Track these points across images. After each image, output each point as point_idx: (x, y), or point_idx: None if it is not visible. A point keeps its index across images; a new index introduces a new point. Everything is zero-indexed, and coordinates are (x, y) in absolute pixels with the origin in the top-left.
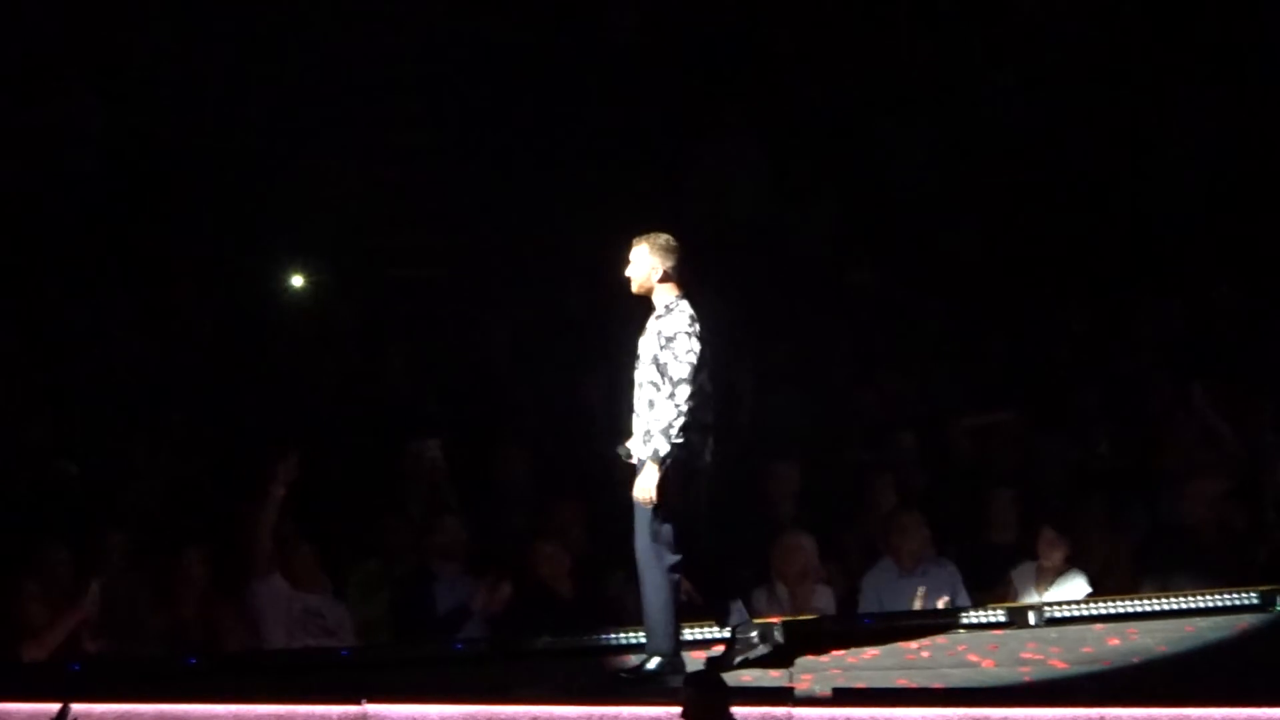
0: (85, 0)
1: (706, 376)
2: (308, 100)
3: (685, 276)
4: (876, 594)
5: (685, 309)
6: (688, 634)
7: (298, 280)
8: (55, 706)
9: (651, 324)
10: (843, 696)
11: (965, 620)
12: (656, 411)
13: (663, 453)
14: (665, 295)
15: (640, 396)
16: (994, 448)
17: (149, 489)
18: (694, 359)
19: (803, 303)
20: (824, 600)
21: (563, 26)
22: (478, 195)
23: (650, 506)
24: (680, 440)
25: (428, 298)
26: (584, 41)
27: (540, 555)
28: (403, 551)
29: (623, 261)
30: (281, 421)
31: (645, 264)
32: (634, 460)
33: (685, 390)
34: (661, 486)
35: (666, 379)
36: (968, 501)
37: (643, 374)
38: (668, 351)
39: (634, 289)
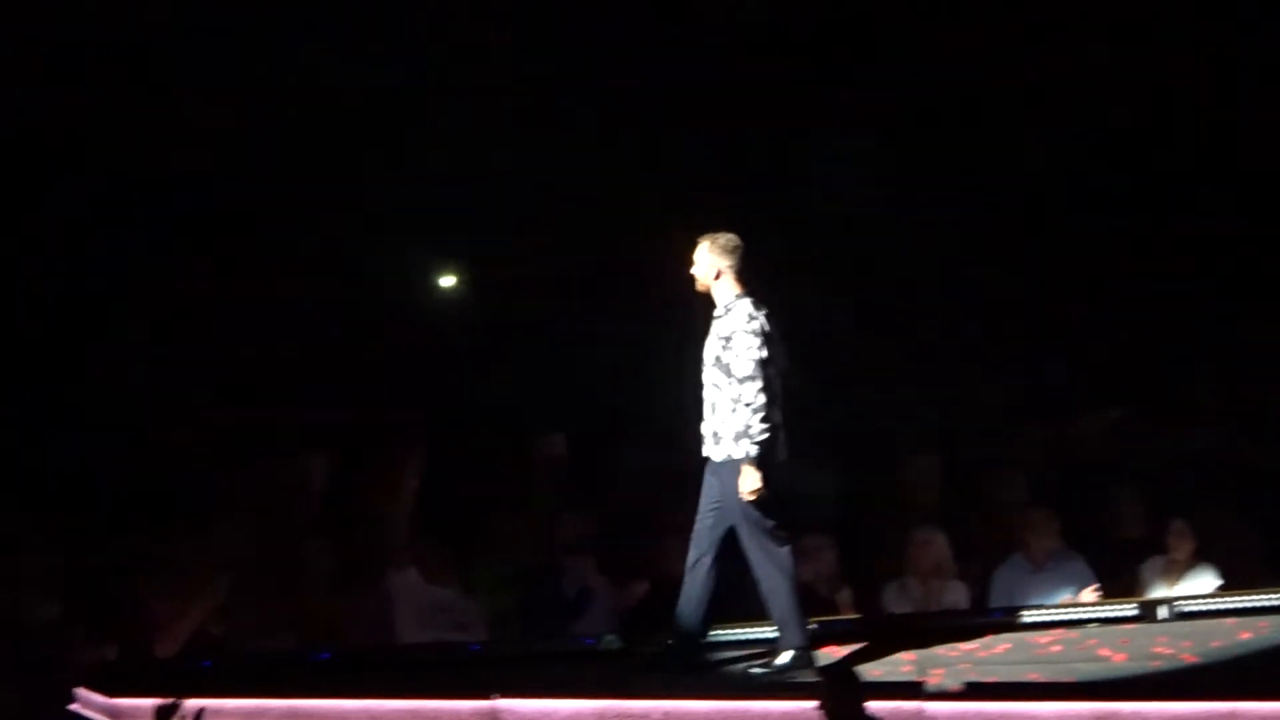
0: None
1: (773, 372)
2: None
3: (747, 275)
4: (1007, 589)
5: (744, 307)
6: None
7: (447, 280)
8: (187, 702)
9: (713, 326)
10: (974, 691)
11: (1095, 615)
12: (721, 414)
13: (753, 454)
14: (725, 294)
15: (706, 399)
16: (1119, 443)
17: (276, 481)
18: (754, 355)
19: (924, 298)
20: (956, 595)
21: (682, 22)
22: (604, 193)
23: (747, 507)
24: (764, 438)
25: (556, 295)
26: (705, 36)
27: (671, 552)
28: (530, 547)
29: (689, 260)
30: (410, 417)
31: (706, 263)
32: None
33: (753, 386)
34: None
35: (731, 380)
36: (1094, 496)
37: (707, 376)
38: (729, 351)
39: (697, 287)
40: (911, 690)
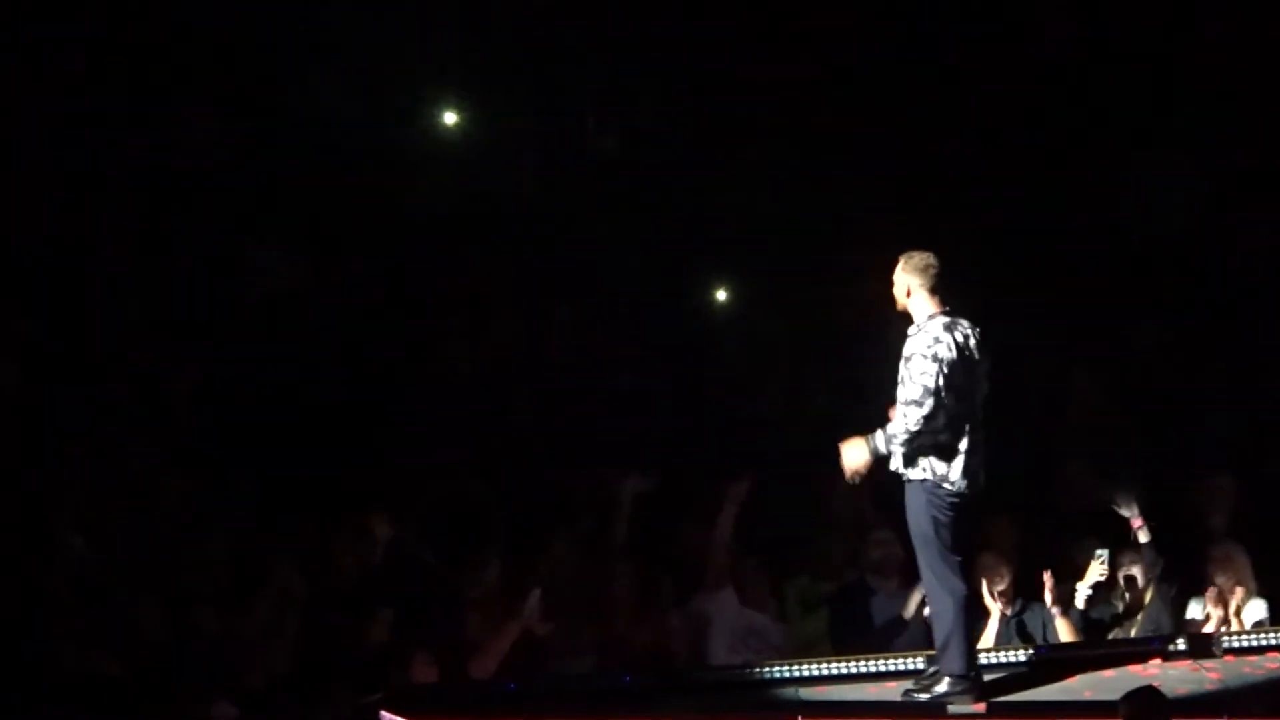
0: (520, 22)
1: (953, 399)
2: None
3: (943, 294)
4: None
5: (933, 329)
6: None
7: (722, 294)
8: None
9: (905, 344)
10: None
11: None
12: (894, 429)
13: (881, 451)
14: (919, 314)
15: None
16: None
17: (585, 500)
18: (929, 381)
19: (1240, 317)
20: (1258, 612)
21: (994, 40)
22: (896, 211)
23: (921, 528)
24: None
25: (849, 314)
26: (1012, 53)
27: (980, 567)
28: (838, 567)
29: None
30: (720, 439)
31: (901, 281)
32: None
33: (916, 412)
34: (931, 513)
35: (902, 400)
36: None
37: (899, 393)
38: (905, 371)
39: (897, 306)
40: (1214, 707)
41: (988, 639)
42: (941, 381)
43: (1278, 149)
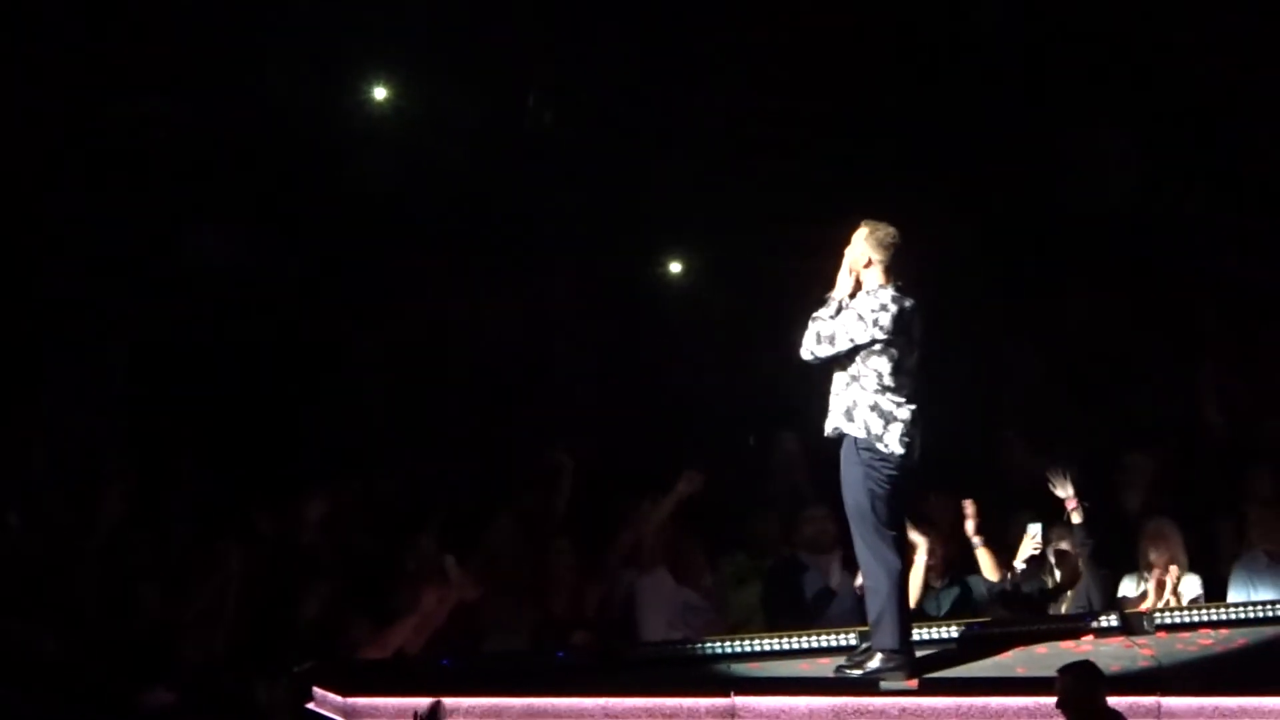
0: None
1: (890, 366)
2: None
3: (897, 273)
4: (1247, 583)
5: (882, 296)
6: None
7: (676, 267)
8: (426, 701)
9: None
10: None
11: None
12: (835, 386)
13: (839, 426)
14: (870, 283)
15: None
16: None
17: (527, 480)
18: (850, 337)
19: (1167, 293)
20: (1193, 588)
21: (934, 17)
22: (845, 188)
23: (856, 498)
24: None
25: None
26: (951, 29)
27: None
28: (772, 543)
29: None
30: (659, 414)
31: (861, 251)
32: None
33: (825, 349)
34: (868, 485)
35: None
36: None
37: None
38: (841, 315)
39: (843, 269)
40: (1149, 684)
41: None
42: (874, 342)
43: (1213, 127)
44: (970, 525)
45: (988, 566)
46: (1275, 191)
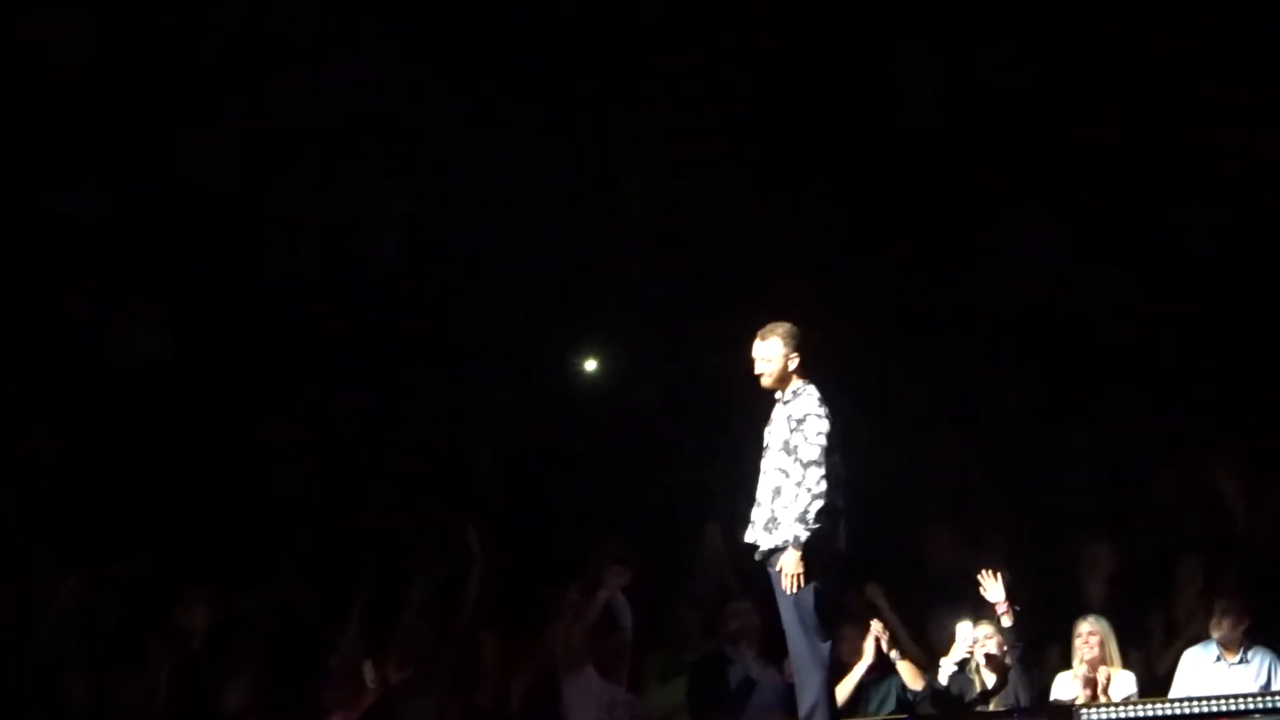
0: (384, 86)
1: (838, 459)
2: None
3: (811, 362)
4: (1195, 677)
5: (813, 392)
6: None
7: (591, 364)
8: None
9: (779, 411)
10: None
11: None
12: (784, 499)
13: (803, 539)
14: (795, 382)
15: (765, 484)
16: None
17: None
18: (824, 440)
19: (1104, 380)
20: (1127, 686)
21: (858, 105)
22: (764, 278)
23: (796, 595)
24: (817, 526)
25: (716, 383)
26: (880, 120)
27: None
28: (697, 638)
29: (748, 354)
30: (583, 507)
31: (780, 355)
32: (759, 552)
33: (816, 472)
34: (807, 573)
35: (796, 462)
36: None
37: (769, 461)
38: (798, 434)
39: (766, 381)
40: None
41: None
42: (830, 442)
43: (1136, 210)
44: (884, 643)
45: (909, 676)
46: (1202, 277)
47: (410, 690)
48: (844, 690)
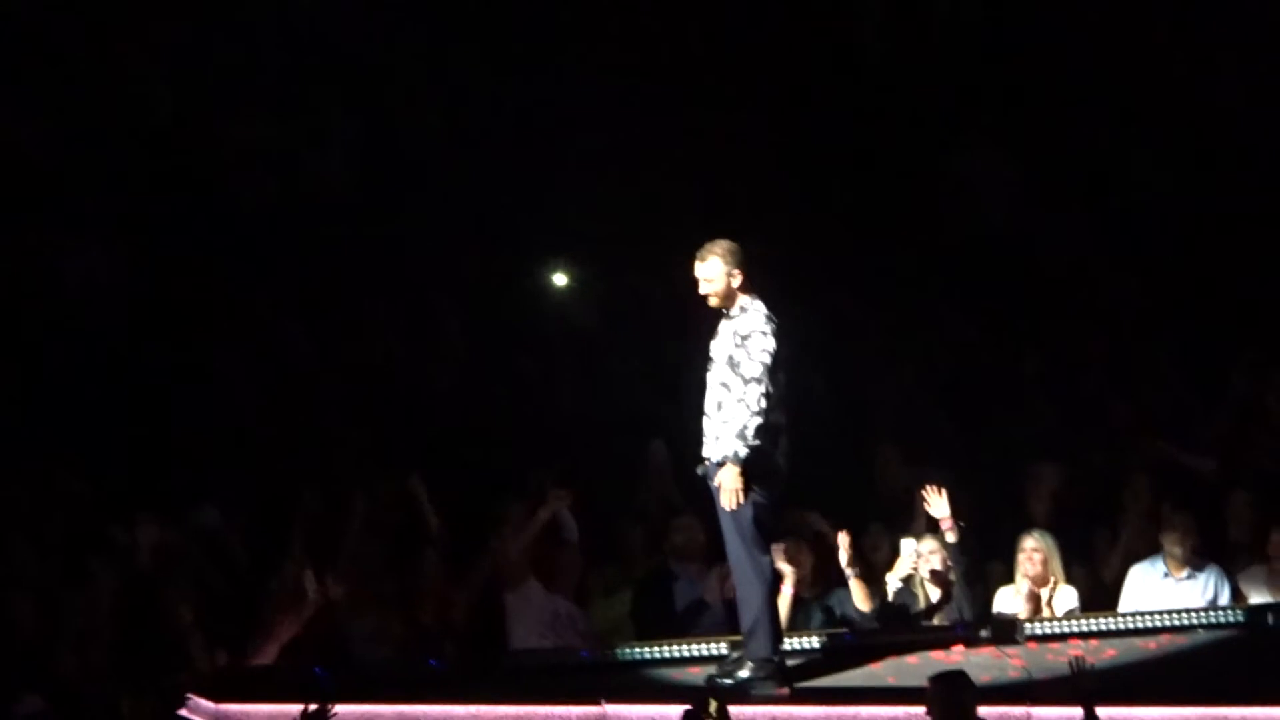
0: (335, 13)
1: (782, 377)
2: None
3: (756, 278)
4: (1142, 592)
5: (760, 308)
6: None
7: (560, 279)
8: (297, 708)
9: (725, 325)
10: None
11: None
12: (725, 413)
13: (741, 455)
14: (741, 299)
15: (710, 399)
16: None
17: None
18: (767, 358)
19: (1054, 313)
20: (1069, 601)
21: (811, 37)
22: (730, 210)
23: (735, 510)
24: (756, 442)
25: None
26: (836, 55)
27: (784, 551)
28: (642, 553)
29: (690, 274)
30: (529, 427)
31: (721, 273)
32: (706, 463)
33: (757, 389)
34: (745, 488)
35: (739, 378)
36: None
37: (715, 376)
38: (742, 350)
39: (713, 301)
40: (1020, 693)
41: (787, 623)
42: (773, 361)
43: (1088, 147)
44: (844, 556)
45: (860, 597)
46: (1158, 209)
47: (353, 606)
48: (783, 604)
